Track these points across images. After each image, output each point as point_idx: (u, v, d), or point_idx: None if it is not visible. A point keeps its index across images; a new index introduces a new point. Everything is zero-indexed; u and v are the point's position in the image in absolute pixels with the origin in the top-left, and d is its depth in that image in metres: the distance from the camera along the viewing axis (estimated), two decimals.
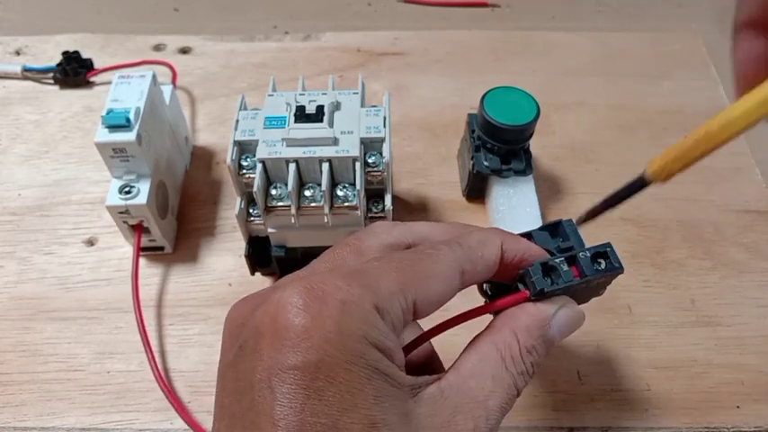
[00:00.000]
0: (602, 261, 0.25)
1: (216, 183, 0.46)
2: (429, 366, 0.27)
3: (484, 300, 0.28)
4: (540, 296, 0.24)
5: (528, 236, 0.27)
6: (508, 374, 0.22)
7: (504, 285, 0.26)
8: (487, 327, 0.24)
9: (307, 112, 0.34)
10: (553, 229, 0.27)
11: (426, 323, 0.24)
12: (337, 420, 0.19)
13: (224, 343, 0.23)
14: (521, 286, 0.25)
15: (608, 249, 0.25)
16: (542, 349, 0.24)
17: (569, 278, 0.24)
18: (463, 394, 0.22)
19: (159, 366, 0.36)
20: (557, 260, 0.24)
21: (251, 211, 0.36)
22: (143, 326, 0.37)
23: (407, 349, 0.25)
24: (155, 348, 0.37)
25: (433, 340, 0.26)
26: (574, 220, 0.27)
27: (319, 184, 0.34)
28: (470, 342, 0.24)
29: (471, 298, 0.26)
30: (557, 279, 0.24)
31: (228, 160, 0.34)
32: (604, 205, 0.26)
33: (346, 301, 0.20)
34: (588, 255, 0.25)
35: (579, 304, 0.26)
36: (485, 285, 0.27)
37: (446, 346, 0.26)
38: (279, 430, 0.19)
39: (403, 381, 0.21)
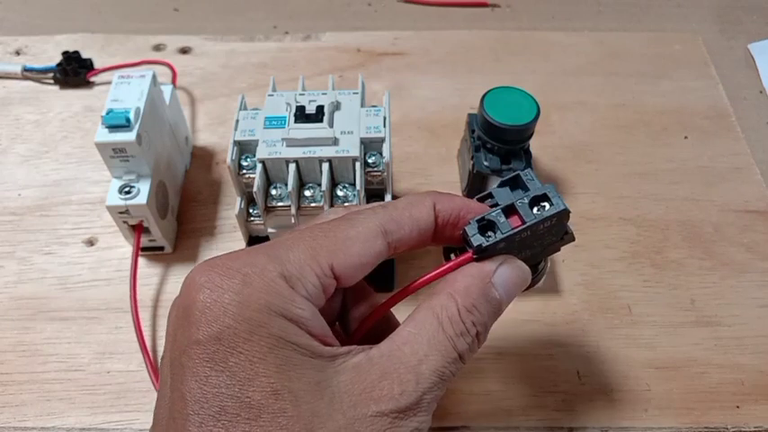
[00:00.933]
0: (546, 204, 0.24)
1: (216, 183, 0.46)
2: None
3: None
4: (481, 253, 0.23)
5: (489, 196, 0.26)
6: (445, 337, 0.22)
7: None
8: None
9: (307, 112, 0.34)
10: (513, 184, 0.26)
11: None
12: (239, 390, 0.19)
13: None
14: (467, 247, 0.24)
15: (548, 191, 0.24)
16: (485, 309, 0.23)
17: (507, 229, 0.23)
18: (394, 360, 0.21)
19: (158, 367, 0.36)
20: (493, 213, 0.24)
21: (251, 211, 0.36)
22: (139, 327, 0.37)
23: (364, 323, 0.25)
24: (155, 348, 0.37)
25: None
26: None
27: (319, 184, 0.34)
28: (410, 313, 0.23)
29: None
30: (496, 233, 0.23)
31: (228, 160, 0.34)
32: None
33: (248, 273, 0.21)
34: (526, 201, 0.24)
35: (538, 259, 0.25)
36: (452, 255, 0.26)
37: None
38: (187, 403, 0.19)
39: (317, 350, 0.21)
